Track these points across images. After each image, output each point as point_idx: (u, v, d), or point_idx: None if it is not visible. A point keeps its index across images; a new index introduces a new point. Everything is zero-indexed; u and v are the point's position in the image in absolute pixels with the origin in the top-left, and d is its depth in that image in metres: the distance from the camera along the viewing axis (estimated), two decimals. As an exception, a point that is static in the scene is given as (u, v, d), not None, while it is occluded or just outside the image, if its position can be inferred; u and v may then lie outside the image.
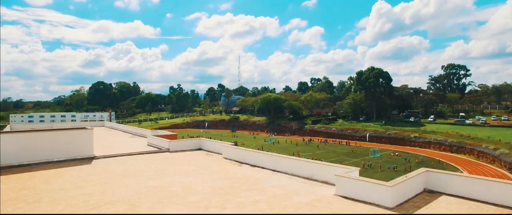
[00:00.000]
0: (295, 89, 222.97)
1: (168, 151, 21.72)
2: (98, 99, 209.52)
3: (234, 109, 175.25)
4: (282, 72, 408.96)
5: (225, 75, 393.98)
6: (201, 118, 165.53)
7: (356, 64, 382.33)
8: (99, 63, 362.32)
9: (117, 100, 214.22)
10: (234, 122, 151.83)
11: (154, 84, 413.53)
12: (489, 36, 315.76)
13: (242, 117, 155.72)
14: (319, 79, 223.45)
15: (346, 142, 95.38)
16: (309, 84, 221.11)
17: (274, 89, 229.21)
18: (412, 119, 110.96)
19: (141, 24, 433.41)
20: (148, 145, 25.32)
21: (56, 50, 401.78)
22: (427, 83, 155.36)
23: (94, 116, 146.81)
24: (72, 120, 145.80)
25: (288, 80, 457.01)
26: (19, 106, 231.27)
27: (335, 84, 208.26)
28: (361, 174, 11.61)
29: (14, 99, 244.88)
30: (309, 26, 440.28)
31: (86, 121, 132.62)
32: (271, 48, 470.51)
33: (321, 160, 68.20)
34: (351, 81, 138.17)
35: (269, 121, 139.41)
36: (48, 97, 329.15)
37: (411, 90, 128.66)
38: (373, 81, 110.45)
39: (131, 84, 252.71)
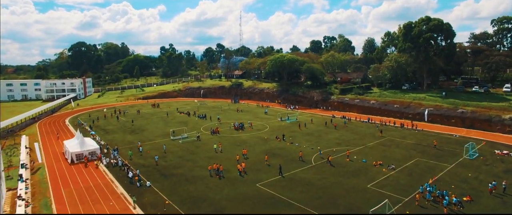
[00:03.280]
0: (305, 49, 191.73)
1: None
2: (81, 63, 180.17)
3: (236, 72, 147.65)
4: (283, 33, 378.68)
5: (225, 36, 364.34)
6: (196, 84, 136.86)
7: (359, 25, 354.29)
8: (95, 25, 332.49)
9: (103, 64, 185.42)
10: (237, 90, 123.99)
11: (152, 46, 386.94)
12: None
13: (247, 83, 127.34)
14: (333, 38, 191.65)
15: (400, 123, 67.61)
16: (323, 45, 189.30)
17: (281, 49, 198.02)
18: (476, 88, 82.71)
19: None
20: None
21: (49, 12, 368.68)
22: (467, 42, 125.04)
23: (63, 84, 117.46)
24: (35, 90, 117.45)
25: (289, 41, 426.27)
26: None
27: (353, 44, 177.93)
28: None
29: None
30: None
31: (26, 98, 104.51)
32: (272, 8, 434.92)
33: (391, 167, 40.93)
34: (389, 38, 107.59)
35: (281, 88, 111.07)
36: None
37: (469, 50, 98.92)
38: (429, 36, 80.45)
39: (119, 45, 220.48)
